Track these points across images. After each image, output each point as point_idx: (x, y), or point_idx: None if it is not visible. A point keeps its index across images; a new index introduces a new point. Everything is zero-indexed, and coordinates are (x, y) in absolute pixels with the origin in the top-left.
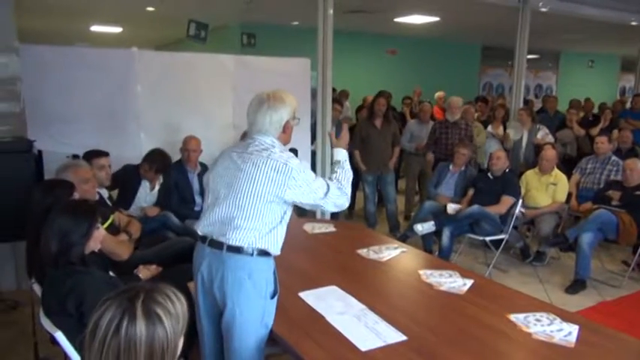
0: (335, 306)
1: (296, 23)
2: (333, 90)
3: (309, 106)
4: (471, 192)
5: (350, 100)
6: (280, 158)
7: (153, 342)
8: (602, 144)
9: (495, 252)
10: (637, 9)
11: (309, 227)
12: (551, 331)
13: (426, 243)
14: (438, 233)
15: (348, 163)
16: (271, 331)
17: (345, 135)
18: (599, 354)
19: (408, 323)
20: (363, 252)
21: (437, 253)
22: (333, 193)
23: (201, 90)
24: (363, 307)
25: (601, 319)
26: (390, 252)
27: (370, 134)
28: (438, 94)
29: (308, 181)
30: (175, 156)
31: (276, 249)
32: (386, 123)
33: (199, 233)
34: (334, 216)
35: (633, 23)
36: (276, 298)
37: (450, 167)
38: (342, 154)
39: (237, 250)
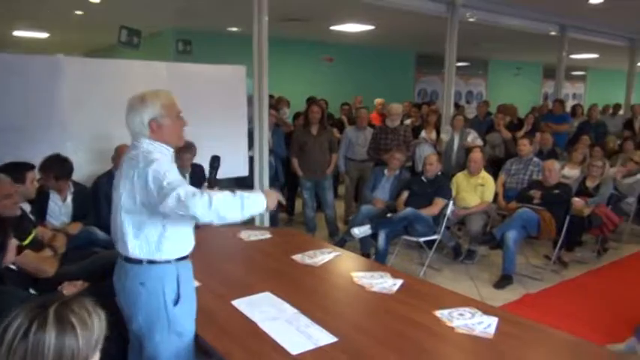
0: (268, 312)
1: (234, 30)
2: (271, 97)
3: (245, 113)
4: (405, 195)
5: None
6: (141, 156)
7: (62, 350)
8: (525, 146)
9: (429, 252)
10: (555, 20)
11: (245, 235)
12: (473, 324)
13: (364, 246)
14: (375, 236)
15: (252, 202)
16: (200, 342)
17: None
18: (516, 343)
19: (339, 325)
20: (297, 257)
21: (374, 255)
22: (191, 196)
23: None
24: (296, 311)
25: (525, 311)
26: (325, 256)
27: (307, 141)
28: (377, 100)
29: (157, 172)
30: (108, 166)
31: (170, 255)
32: (322, 130)
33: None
34: (274, 223)
35: (552, 33)
36: (184, 304)
37: (385, 171)
38: (259, 201)
39: (130, 259)
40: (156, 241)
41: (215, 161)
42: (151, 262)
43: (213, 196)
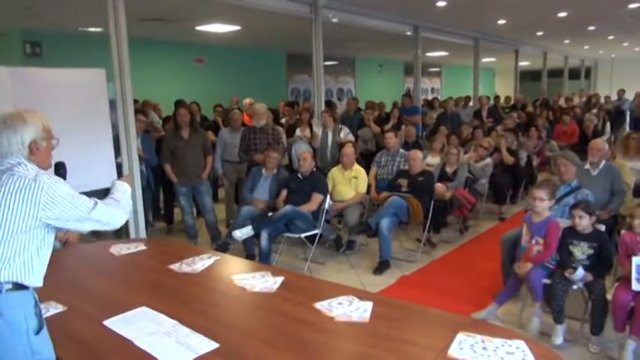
0: (144, 327)
1: (91, 30)
2: (136, 101)
3: (108, 119)
4: (284, 193)
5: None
6: (27, 174)
7: None
8: (391, 139)
9: (312, 247)
10: (409, 21)
11: (116, 249)
12: (350, 311)
13: (248, 248)
14: (258, 236)
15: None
16: None
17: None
18: (389, 323)
19: (221, 330)
20: (175, 267)
21: (259, 256)
22: (102, 208)
23: None
24: (175, 322)
25: (402, 292)
26: (204, 262)
27: (178, 146)
28: (246, 100)
29: (65, 196)
30: None
31: (33, 281)
32: (193, 133)
33: None
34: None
35: (408, 33)
36: (44, 331)
37: (263, 171)
38: (120, 184)
39: None
40: (26, 265)
41: (60, 168)
42: (10, 289)
43: (119, 201)
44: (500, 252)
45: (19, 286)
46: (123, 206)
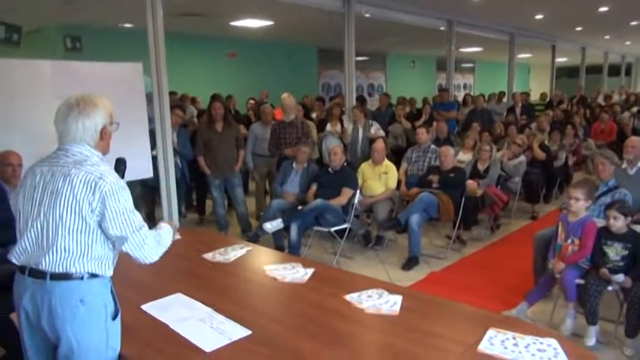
0: (179, 313)
1: (129, 25)
2: (174, 94)
3: (145, 113)
4: (314, 187)
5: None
6: (95, 171)
7: None
8: (423, 135)
9: (341, 241)
10: (443, 16)
11: None
12: (380, 304)
13: (277, 240)
14: (287, 229)
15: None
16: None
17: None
18: (418, 317)
19: (254, 318)
20: (208, 256)
21: (288, 248)
22: (148, 235)
23: (17, 100)
24: (209, 309)
25: (431, 288)
26: (237, 252)
27: (212, 139)
28: (284, 95)
29: (122, 203)
30: None
31: (106, 270)
32: (227, 126)
33: (16, 263)
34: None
35: (441, 28)
36: (119, 318)
37: (294, 165)
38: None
39: (63, 276)
40: (93, 252)
41: (121, 164)
42: (90, 275)
43: (161, 238)
44: (532, 251)
45: (94, 274)
46: (162, 245)
